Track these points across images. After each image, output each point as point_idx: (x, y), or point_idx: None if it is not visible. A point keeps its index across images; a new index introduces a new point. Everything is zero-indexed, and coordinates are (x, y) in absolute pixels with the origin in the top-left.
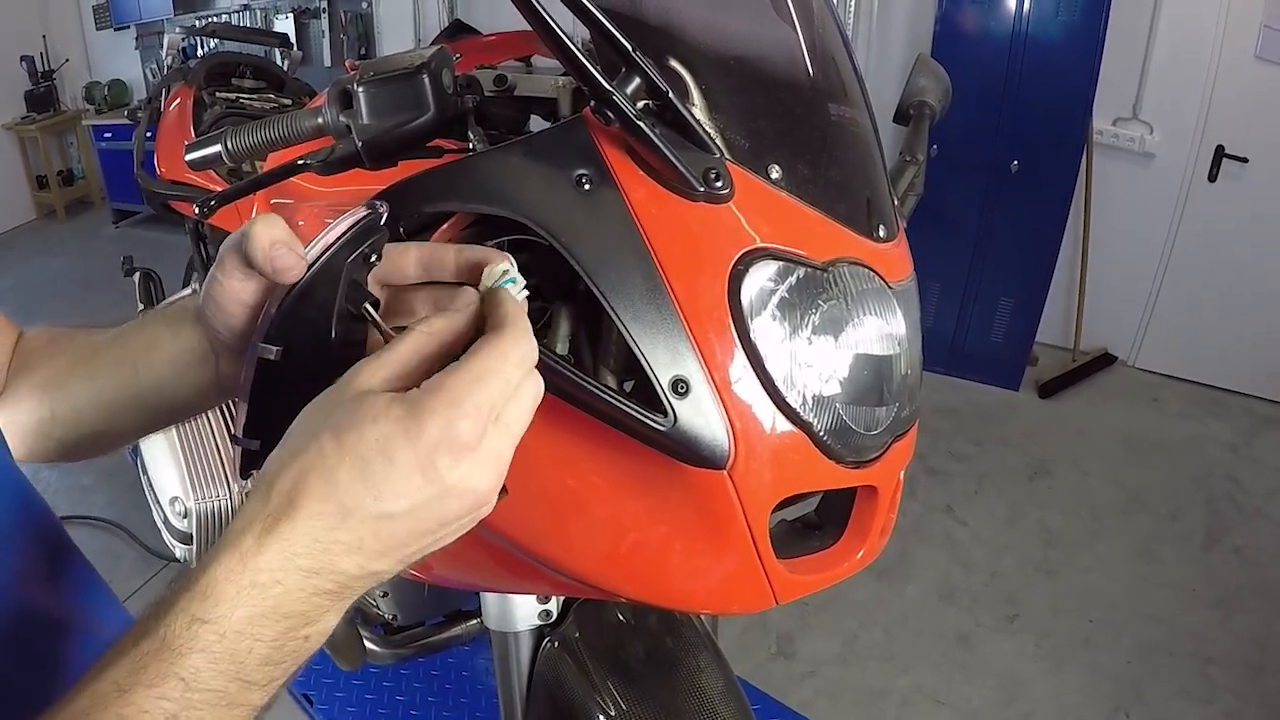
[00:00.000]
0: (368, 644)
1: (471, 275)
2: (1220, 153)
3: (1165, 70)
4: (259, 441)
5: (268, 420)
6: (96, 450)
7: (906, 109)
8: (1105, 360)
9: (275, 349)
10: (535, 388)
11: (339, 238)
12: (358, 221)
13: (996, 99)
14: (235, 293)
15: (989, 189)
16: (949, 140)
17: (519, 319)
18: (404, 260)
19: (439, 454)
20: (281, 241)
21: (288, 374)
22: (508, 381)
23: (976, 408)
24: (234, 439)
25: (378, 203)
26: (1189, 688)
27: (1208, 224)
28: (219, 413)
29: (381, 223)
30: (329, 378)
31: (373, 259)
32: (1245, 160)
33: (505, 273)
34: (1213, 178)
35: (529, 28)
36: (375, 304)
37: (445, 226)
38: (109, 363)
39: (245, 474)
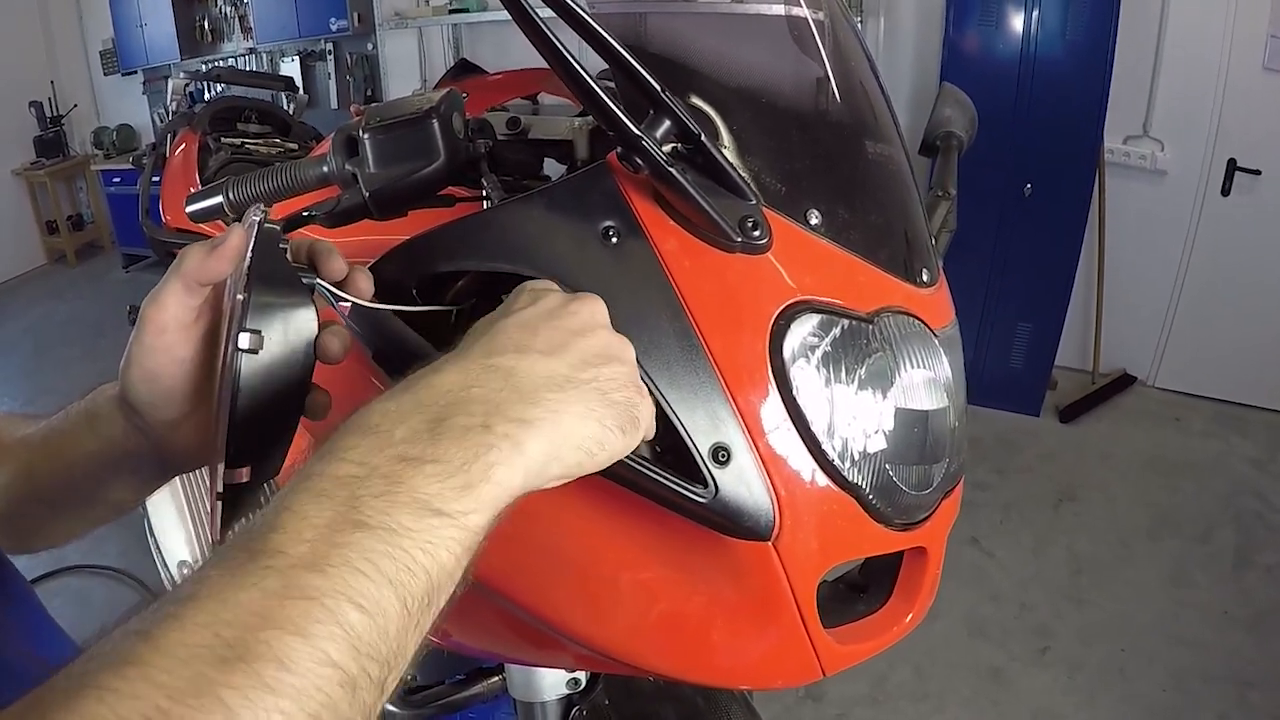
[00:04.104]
0: (387, 705)
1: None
2: (1233, 166)
3: (1174, 86)
4: (249, 469)
5: (256, 437)
6: (44, 543)
7: (933, 140)
8: (1125, 381)
9: (251, 335)
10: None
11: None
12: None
13: (1007, 123)
14: (169, 346)
15: (1003, 214)
16: (961, 167)
17: None
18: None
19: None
20: (205, 246)
21: (266, 371)
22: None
23: (998, 435)
24: (218, 492)
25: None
26: (1227, 713)
27: (1223, 238)
28: None
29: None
30: (305, 372)
31: (279, 226)
32: (1258, 173)
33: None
34: (1226, 191)
35: (534, 66)
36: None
37: (461, 284)
38: (43, 464)
39: (224, 532)
